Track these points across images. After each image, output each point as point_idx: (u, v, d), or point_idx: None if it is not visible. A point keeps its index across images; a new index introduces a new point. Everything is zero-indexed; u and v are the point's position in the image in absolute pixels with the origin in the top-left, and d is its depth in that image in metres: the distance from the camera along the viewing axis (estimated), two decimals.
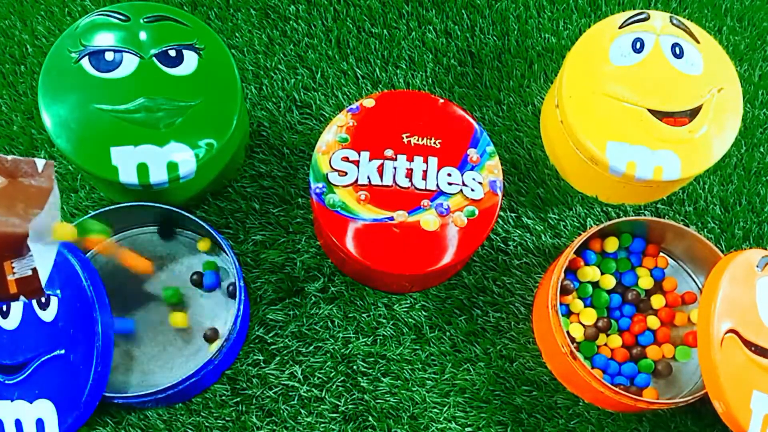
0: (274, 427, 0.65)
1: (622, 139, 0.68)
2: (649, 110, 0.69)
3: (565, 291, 0.68)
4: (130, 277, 0.67)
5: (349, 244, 0.61)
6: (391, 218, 0.62)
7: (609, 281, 0.69)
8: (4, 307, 0.60)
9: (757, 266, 0.61)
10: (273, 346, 0.68)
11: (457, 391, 0.67)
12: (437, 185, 0.64)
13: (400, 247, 0.61)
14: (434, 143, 0.65)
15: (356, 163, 0.64)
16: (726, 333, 0.58)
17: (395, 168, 0.64)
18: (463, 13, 0.82)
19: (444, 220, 0.63)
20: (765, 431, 0.57)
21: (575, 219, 0.74)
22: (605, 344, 0.68)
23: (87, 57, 0.64)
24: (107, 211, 0.64)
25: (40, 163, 0.50)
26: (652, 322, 0.68)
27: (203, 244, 0.68)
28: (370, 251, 0.61)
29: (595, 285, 0.69)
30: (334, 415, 0.66)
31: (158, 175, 0.63)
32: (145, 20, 0.66)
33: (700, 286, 0.70)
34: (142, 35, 0.65)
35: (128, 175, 0.62)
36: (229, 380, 0.66)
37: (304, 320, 0.69)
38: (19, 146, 0.73)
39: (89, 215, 0.65)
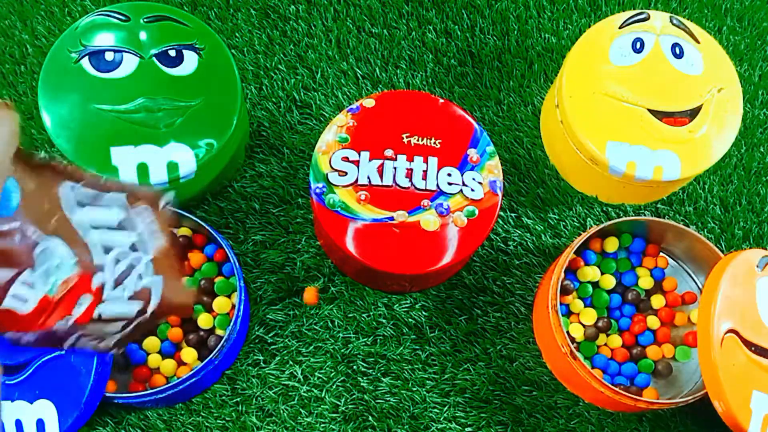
0: (274, 427, 0.65)
1: (622, 139, 0.68)
2: (649, 110, 0.69)
3: (565, 291, 0.68)
4: None
5: (349, 244, 0.61)
6: (391, 218, 0.62)
7: (609, 281, 0.69)
8: None
9: (757, 266, 0.61)
10: (273, 346, 0.68)
11: (457, 391, 0.67)
12: (437, 185, 0.64)
13: (400, 247, 0.61)
14: (434, 143, 0.65)
15: (356, 163, 0.64)
16: (726, 333, 0.58)
17: (395, 168, 0.64)
18: (463, 13, 0.82)
19: (444, 220, 0.63)
20: (765, 431, 0.57)
21: (575, 219, 0.74)
22: (605, 344, 0.68)
23: (87, 57, 0.64)
24: None
25: (166, 196, 0.46)
26: (652, 322, 0.68)
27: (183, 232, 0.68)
28: (370, 251, 0.61)
29: (595, 285, 0.69)
30: (334, 415, 0.66)
31: (158, 175, 0.63)
32: (145, 20, 0.66)
33: (700, 286, 0.70)
34: (142, 35, 0.65)
35: (128, 175, 0.62)
36: (229, 380, 0.66)
37: (304, 320, 0.69)
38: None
39: None
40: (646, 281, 0.70)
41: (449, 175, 0.64)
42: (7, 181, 0.37)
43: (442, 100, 0.67)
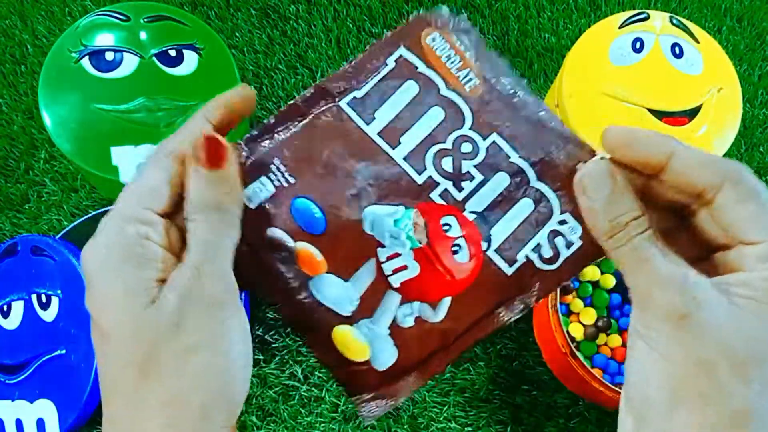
0: (275, 427, 0.65)
1: None
2: (649, 110, 0.69)
3: (565, 291, 0.68)
4: None
5: None
6: None
7: (609, 280, 0.69)
8: (5, 307, 0.60)
9: None
10: (273, 346, 0.68)
11: (456, 391, 0.67)
12: None
13: None
14: None
15: None
16: None
17: None
18: (462, 13, 0.82)
19: None
20: None
21: None
22: (605, 344, 0.68)
23: (87, 57, 0.64)
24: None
25: None
26: None
27: None
28: None
29: (595, 284, 0.69)
30: (334, 414, 0.66)
31: None
32: (145, 20, 0.66)
33: None
34: (143, 35, 0.66)
35: (129, 175, 0.62)
36: None
37: None
38: (19, 146, 0.73)
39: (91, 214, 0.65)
40: None
41: None
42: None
43: None
